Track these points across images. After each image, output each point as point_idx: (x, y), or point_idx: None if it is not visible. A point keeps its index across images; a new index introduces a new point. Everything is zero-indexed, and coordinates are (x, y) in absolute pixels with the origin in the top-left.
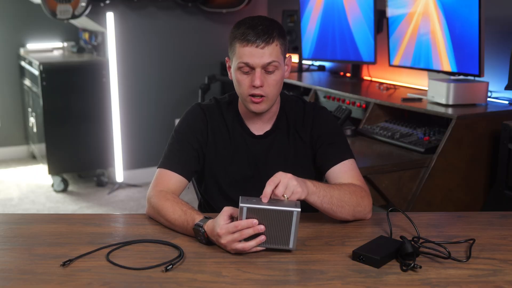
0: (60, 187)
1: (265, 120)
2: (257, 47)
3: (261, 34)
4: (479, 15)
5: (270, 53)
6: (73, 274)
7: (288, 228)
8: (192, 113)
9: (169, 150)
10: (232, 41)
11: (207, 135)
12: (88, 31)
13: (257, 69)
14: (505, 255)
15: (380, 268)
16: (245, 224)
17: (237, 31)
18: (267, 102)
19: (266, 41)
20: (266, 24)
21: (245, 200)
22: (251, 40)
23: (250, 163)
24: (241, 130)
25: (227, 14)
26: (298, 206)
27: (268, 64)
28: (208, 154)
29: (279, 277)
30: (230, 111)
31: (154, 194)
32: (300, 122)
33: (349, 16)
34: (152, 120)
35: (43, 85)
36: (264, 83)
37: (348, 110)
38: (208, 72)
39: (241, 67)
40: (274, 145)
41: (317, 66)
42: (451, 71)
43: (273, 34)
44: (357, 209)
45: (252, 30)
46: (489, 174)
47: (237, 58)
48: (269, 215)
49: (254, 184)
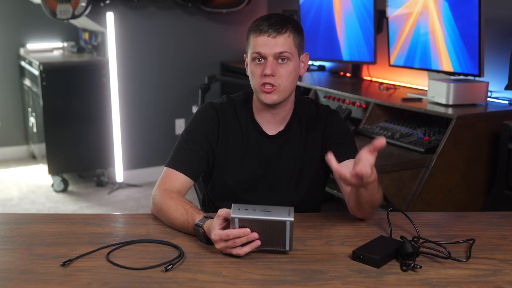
0: (60, 187)
1: (279, 119)
2: (269, 36)
3: (274, 24)
4: (479, 15)
5: (283, 43)
6: (73, 274)
7: (282, 235)
8: (204, 112)
9: (177, 149)
10: (248, 35)
11: (218, 134)
12: (88, 31)
13: (269, 58)
14: (505, 255)
15: (380, 268)
16: (237, 234)
17: (252, 25)
18: (278, 93)
19: (278, 31)
20: (281, 17)
21: (237, 209)
22: (263, 29)
23: (262, 163)
24: (254, 130)
25: (227, 14)
26: (291, 215)
27: (280, 54)
28: (218, 153)
29: (279, 277)
30: (244, 110)
31: (158, 192)
32: (312, 124)
33: (349, 16)
34: (152, 120)
35: (43, 85)
36: (276, 73)
37: (348, 110)
38: (208, 72)
39: (254, 58)
40: (286, 145)
41: (317, 66)
42: (451, 71)
43: (286, 26)
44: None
45: (266, 21)
46: (489, 174)
47: (251, 48)
48: (261, 225)
49: (263, 184)
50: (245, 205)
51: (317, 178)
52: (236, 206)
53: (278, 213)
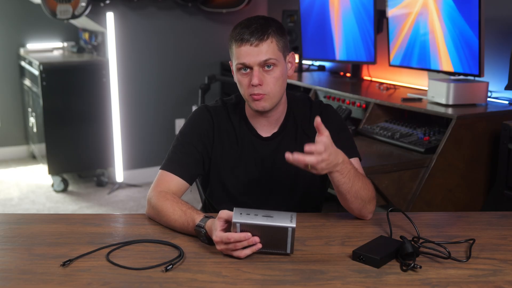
0: (60, 187)
1: (272, 121)
2: (251, 45)
3: (255, 32)
4: (479, 15)
5: (266, 50)
6: (73, 274)
7: (283, 240)
8: (198, 115)
9: (173, 152)
10: (230, 43)
11: (213, 137)
12: (88, 31)
13: (255, 68)
14: (505, 255)
15: (380, 268)
16: (238, 238)
17: (233, 32)
18: (268, 100)
19: (260, 38)
20: (260, 22)
21: (238, 214)
22: (245, 39)
23: (257, 165)
24: (248, 132)
25: (227, 14)
26: (293, 221)
27: (265, 61)
28: (214, 157)
29: (279, 277)
30: (236, 113)
31: (154, 194)
32: (307, 122)
33: (347, 16)
34: (152, 120)
35: (43, 85)
36: (263, 82)
37: (348, 110)
38: (208, 72)
39: (239, 68)
40: (282, 146)
41: (317, 66)
42: (451, 71)
43: (267, 31)
44: (364, 209)
45: (247, 29)
46: (489, 174)
47: (235, 59)
48: (263, 230)
49: (260, 186)
50: (247, 209)
51: (315, 179)
52: (238, 210)
53: (280, 219)
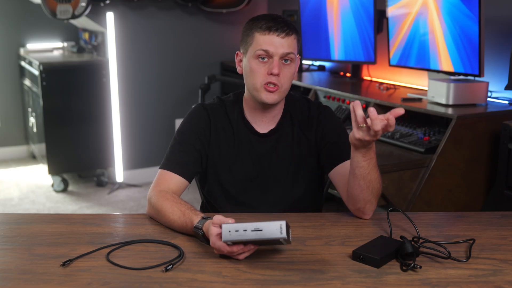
0: (60, 187)
1: (270, 118)
2: (278, 36)
3: (283, 25)
4: (479, 15)
5: (289, 44)
6: (73, 274)
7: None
8: (195, 114)
9: (171, 151)
10: (250, 32)
11: (210, 135)
12: (88, 31)
13: (275, 58)
14: (505, 255)
15: (380, 268)
16: (231, 251)
17: (255, 23)
18: (279, 93)
19: (287, 32)
20: (284, 19)
21: (227, 232)
22: (273, 28)
23: (255, 162)
24: (246, 129)
25: (227, 14)
26: (283, 231)
27: (287, 54)
28: (211, 155)
29: (279, 277)
30: (234, 110)
31: (154, 194)
32: (304, 121)
33: (348, 16)
34: (152, 120)
35: (43, 85)
36: (280, 73)
37: (348, 110)
38: (208, 72)
39: (260, 55)
40: (279, 143)
41: (317, 66)
42: (451, 71)
43: (292, 28)
44: (369, 204)
45: (274, 21)
46: (489, 174)
47: (256, 46)
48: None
49: (258, 183)
50: (235, 224)
51: (314, 178)
52: (226, 228)
53: (269, 231)
